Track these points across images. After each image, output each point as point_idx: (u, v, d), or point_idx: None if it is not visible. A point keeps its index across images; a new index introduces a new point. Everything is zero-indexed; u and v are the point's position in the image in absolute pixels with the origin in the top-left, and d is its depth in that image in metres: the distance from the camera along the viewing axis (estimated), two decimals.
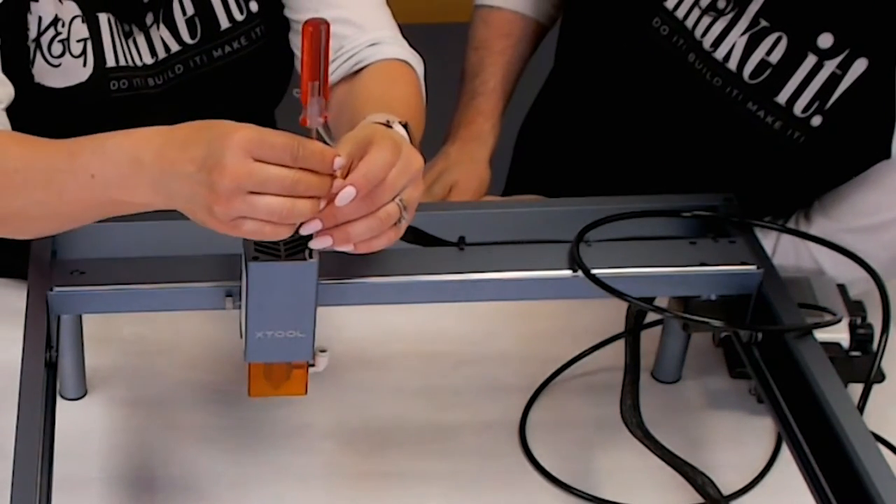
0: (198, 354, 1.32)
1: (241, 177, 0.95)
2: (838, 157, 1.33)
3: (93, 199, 1.04)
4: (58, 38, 1.23)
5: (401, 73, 1.28)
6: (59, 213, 1.07)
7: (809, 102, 1.31)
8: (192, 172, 0.98)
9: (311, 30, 0.95)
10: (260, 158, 0.96)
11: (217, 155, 0.96)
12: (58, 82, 1.25)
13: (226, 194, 0.96)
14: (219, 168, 0.96)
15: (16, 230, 1.11)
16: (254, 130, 0.97)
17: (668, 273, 1.18)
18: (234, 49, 1.32)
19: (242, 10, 1.31)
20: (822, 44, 1.30)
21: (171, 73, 1.30)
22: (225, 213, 0.97)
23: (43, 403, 1.04)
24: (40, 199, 1.06)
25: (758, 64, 1.34)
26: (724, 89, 1.36)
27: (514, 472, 1.22)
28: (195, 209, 0.99)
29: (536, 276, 1.17)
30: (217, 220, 0.98)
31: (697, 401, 1.31)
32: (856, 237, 1.33)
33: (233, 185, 0.96)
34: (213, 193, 0.96)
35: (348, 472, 1.21)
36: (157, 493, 1.18)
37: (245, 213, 0.97)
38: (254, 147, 0.96)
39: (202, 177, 0.97)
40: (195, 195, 0.98)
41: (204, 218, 0.99)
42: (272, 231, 0.98)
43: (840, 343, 1.24)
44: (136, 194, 1.02)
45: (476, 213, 1.25)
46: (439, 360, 1.34)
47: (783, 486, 1.19)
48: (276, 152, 0.96)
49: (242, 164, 0.95)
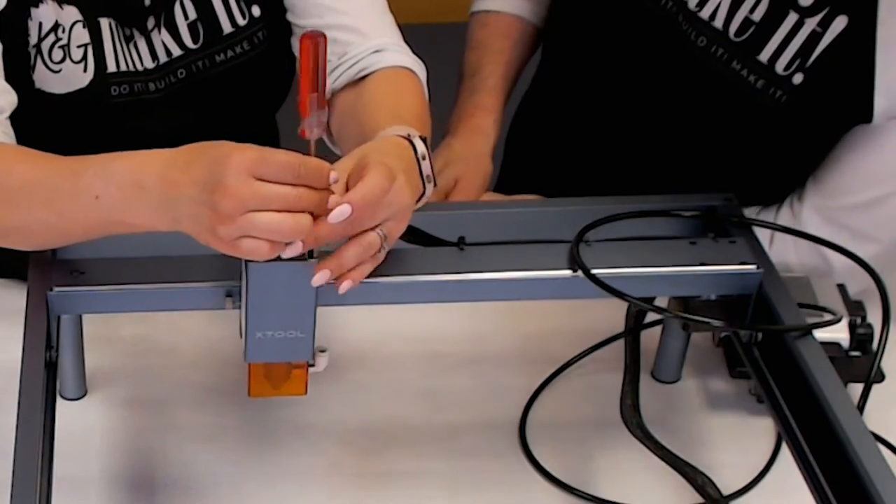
0: (198, 354, 1.32)
1: (243, 197, 0.96)
2: (821, 117, 1.33)
3: (96, 219, 1.05)
4: (58, 44, 1.23)
5: (407, 81, 1.28)
6: (61, 230, 1.08)
7: (791, 60, 1.31)
8: (195, 194, 0.98)
9: (310, 43, 0.95)
10: (262, 177, 0.96)
11: (219, 176, 0.96)
12: (58, 88, 1.25)
13: (229, 214, 0.96)
14: (221, 189, 0.96)
15: (17, 243, 1.11)
16: (255, 150, 0.97)
17: (668, 273, 1.18)
18: (236, 53, 1.32)
19: (245, 15, 1.31)
20: (802, 1, 1.30)
21: (173, 78, 1.30)
22: (228, 233, 0.97)
23: (43, 403, 1.04)
24: (43, 217, 1.07)
25: (742, 21, 1.33)
26: (710, 49, 1.35)
27: (514, 472, 1.22)
28: (200, 230, 0.99)
29: (536, 276, 1.17)
30: (221, 240, 0.98)
31: (697, 401, 1.31)
32: (852, 216, 1.32)
33: (235, 205, 0.96)
34: (216, 214, 0.97)
35: (348, 472, 1.21)
36: (157, 493, 1.18)
37: (247, 232, 0.97)
38: (255, 167, 0.96)
39: (205, 198, 0.97)
40: (199, 216, 0.98)
41: (208, 239, 0.99)
42: (269, 250, 0.98)
43: (840, 343, 1.24)
44: (138, 217, 1.03)
45: (476, 213, 1.25)
46: (439, 360, 1.34)
47: (783, 486, 1.19)
48: (279, 171, 0.96)
49: (245, 184, 0.96)
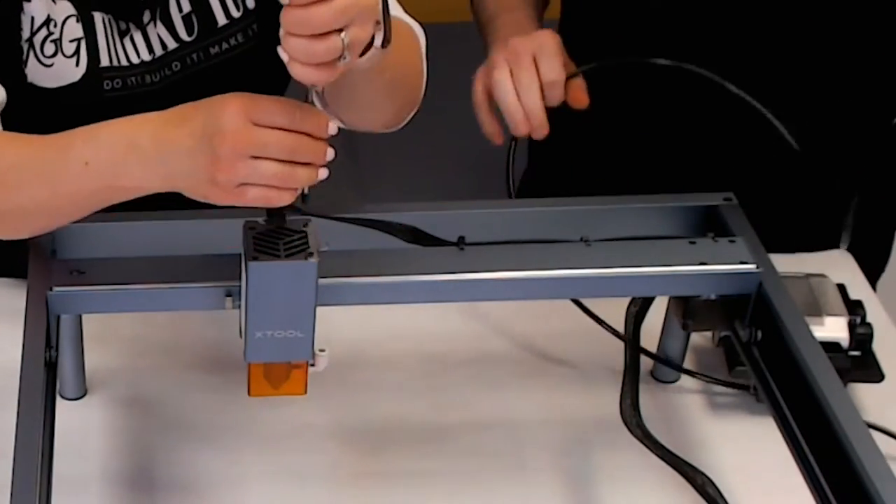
0: (198, 354, 1.32)
1: (241, 140, 0.96)
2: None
3: (87, 187, 1.04)
4: (50, 38, 1.23)
5: (406, 32, 1.26)
6: (54, 206, 1.07)
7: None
8: (192, 146, 0.98)
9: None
10: (258, 122, 0.96)
11: (216, 122, 0.96)
12: (50, 82, 1.25)
13: (228, 159, 0.96)
14: (219, 134, 0.96)
15: (12, 228, 1.11)
16: (250, 96, 0.97)
17: (668, 273, 1.18)
18: (231, 46, 1.32)
19: (239, 7, 1.31)
20: None
21: (168, 71, 1.30)
22: (228, 180, 0.97)
23: (43, 403, 1.04)
24: (35, 193, 1.07)
25: None
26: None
27: (513, 472, 1.22)
28: (196, 183, 0.99)
29: (536, 276, 1.17)
30: (220, 188, 0.98)
31: (697, 401, 1.31)
32: None
33: (234, 149, 0.96)
34: (215, 161, 0.96)
35: (348, 472, 1.21)
36: (157, 493, 1.18)
37: (248, 179, 0.97)
38: (252, 111, 0.96)
39: (203, 146, 0.97)
40: (196, 168, 0.98)
41: (206, 190, 0.99)
42: (277, 196, 0.98)
43: (840, 343, 1.24)
44: (131, 178, 1.02)
45: (476, 213, 1.25)
46: (439, 360, 1.34)
47: (783, 486, 1.19)
48: (275, 115, 0.96)
49: (242, 127, 0.96)
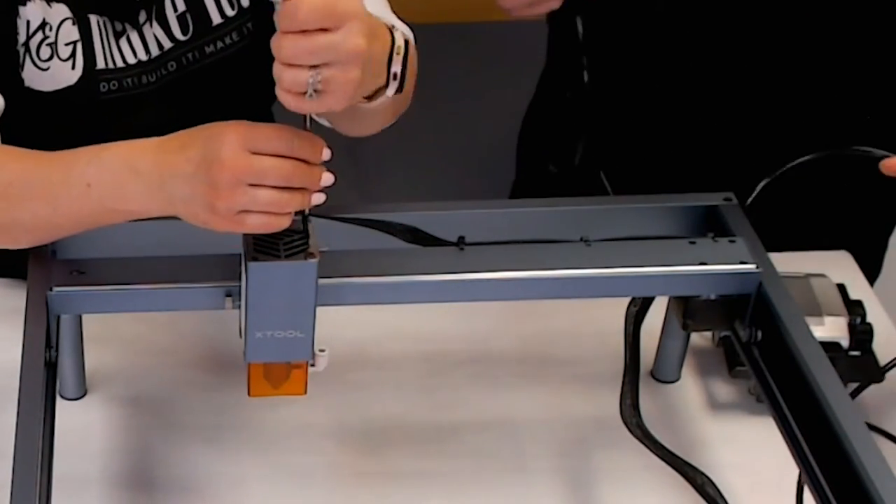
0: (198, 354, 1.32)
1: (240, 169, 0.97)
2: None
3: (88, 208, 1.06)
4: (45, 42, 1.23)
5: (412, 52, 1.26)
6: (54, 223, 1.09)
7: None
8: (192, 172, 0.99)
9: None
10: (256, 150, 0.97)
11: (215, 151, 0.97)
12: (47, 86, 1.25)
13: (227, 188, 0.97)
14: (218, 163, 0.97)
15: (11, 240, 1.12)
16: (247, 124, 0.99)
17: (668, 273, 1.18)
18: (225, 45, 1.32)
19: (234, 6, 1.31)
20: None
21: (164, 71, 1.30)
22: (228, 208, 0.98)
23: (43, 403, 1.04)
24: (35, 209, 1.08)
25: None
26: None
27: (513, 472, 1.22)
28: (196, 210, 1.00)
29: (536, 276, 1.17)
30: (219, 216, 0.99)
31: (697, 401, 1.31)
32: None
33: (233, 178, 0.97)
34: (214, 189, 0.97)
35: (348, 472, 1.21)
36: (157, 493, 1.18)
37: (247, 207, 0.98)
38: (249, 139, 0.97)
39: (201, 174, 0.98)
40: (195, 195, 0.99)
41: (206, 218, 1.00)
42: (276, 221, 1.00)
43: (840, 343, 1.24)
44: (131, 202, 1.04)
45: (476, 213, 1.25)
46: (439, 360, 1.34)
47: (783, 486, 1.19)
48: (272, 143, 0.98)
49: (240, 156, 0.97)
